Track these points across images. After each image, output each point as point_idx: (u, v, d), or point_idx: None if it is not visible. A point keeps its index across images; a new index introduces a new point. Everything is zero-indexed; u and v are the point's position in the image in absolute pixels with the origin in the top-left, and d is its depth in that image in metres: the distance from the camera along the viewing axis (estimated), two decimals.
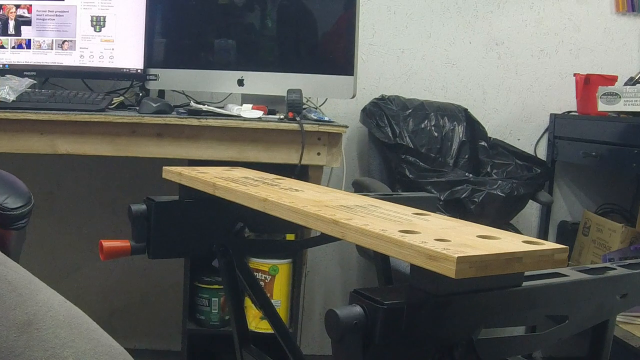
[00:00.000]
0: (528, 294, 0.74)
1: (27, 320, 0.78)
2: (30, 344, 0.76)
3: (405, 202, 0.96)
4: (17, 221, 1.24)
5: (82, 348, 0.80)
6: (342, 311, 0.65)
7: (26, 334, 0.77)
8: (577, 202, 2.74)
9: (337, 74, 2.12)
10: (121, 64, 2.14)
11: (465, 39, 2.62)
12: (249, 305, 1.92)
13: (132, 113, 1.91)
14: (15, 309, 0.78)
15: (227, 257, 1.14)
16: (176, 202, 1.12)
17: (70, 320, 0.82)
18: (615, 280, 0.85)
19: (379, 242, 0.70)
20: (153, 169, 1.45)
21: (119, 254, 1.08)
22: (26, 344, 0.76)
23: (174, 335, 2.47)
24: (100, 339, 0.84)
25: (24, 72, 2.05)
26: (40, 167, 2.44)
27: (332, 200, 0.90)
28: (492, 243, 0.68)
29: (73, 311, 0.85)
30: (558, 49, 2.66)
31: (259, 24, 2.22)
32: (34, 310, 0.79)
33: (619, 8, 2.65)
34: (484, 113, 2.63)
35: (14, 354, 0.75)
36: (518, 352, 0.79)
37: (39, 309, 0.80)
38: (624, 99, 2.20)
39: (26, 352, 0.76)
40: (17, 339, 0.76)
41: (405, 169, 2.32)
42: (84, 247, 2.53)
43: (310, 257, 2.52)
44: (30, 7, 2.10)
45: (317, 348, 2.67)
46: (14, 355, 0.75)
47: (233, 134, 1.90)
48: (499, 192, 2.28)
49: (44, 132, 1.84)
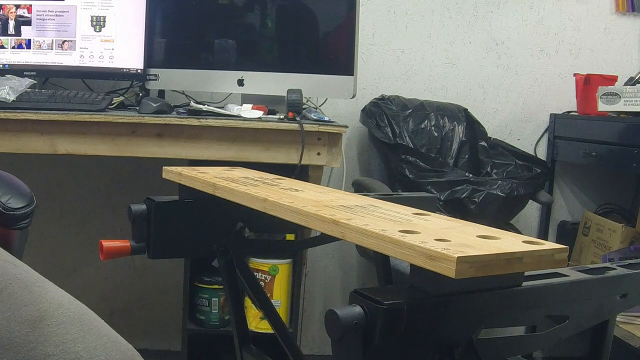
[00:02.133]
0: (528, 294, 0.74)
1: (38, 316, 0.79)
2: (42, 339, 0.77)
3: (405, 202, 0.96)
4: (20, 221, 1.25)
5: (93, 343, 0.81)
6: (342, 311, 0.65)
7: (38, 330, 0.78)
8: (577, 202, 2.74)
9: (337, 74, 2.12)
10: (121, 64, 2.14)
11: (465, 39, 2.62)
12: (249, 305, 1.92)
13: (132, 113, 1.91)
14: (27, 305, 0.79)
15: (227, 257, 1.14)
16: (176, 202, 1.12)
17: (80, 316, 0.83)
18: (615, 280, 0.85)
19: (379, 242, 0.70)
20: (153, 169, 1.45)
21: (119, 254, 1.08)
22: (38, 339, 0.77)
23: (174, 335, 2.47)
24: (110, 335, 0.86)
25: (24, 72, 2.05)
26: (41, 167, 2.44)
27: (332, 200, 0.90)
28: (492, 243, 0.68)
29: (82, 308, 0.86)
30: (558, 49, 2.66)
31: (259, 24, 2.22)
32: (45, 307, 0.80)
33: (619, 8, 2.65)
34: (484, 113, 2.63)
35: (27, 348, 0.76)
36: (518, 352, 0.79)
37: (50, 305, 0.81)
38: (624, 99, 2.20)
39: (38, 347, 0.77)
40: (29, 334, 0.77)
41: (405, 169, 2.32)
42: (84, 247, 2.53)
43: (310, 257, 2.52)
44: (30, 7, 2.10)
45: (317, 348, 2.67)
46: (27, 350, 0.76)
47: (233, 134, 1.90)
48: (499, 192, 2.28)
49: (44, 132, 1.84)
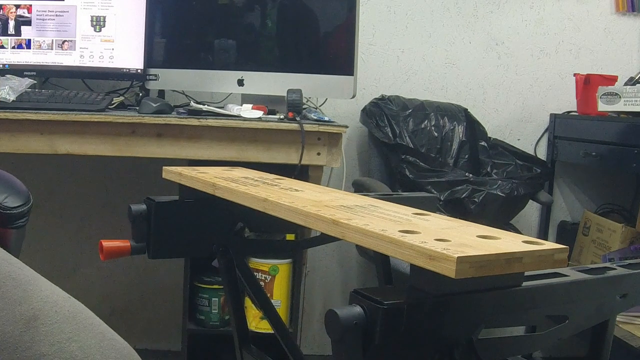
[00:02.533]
0: (528, 294, 0.74)
1: (32, 315, 0.78)
2: (37, 338, 0.77)
3: (405, 202, 0.96)
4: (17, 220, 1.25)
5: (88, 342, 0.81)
6: (342, 311, 0.64)
7: (32, 329, 0.77)
8: (577, 202, 2.74)
9: (337, 74, 2.12)
10: (121, 64, 2.14)
11: (465, 39, 2.62)
12: (249, 305, 1.92)
13: (132, 113, 1.91)
14: (20, 304, 0.78)
15: (227, 257, 1.14)
16: (176, 202, 1.12)
17: (75, 315, 0.83)
18: (615, 280, 0.85)
19: (379, 242, 0.70)
20: (153, 169, 1.45)
21: (119, 254, 1.08)
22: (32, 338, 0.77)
23: (174, 335, 2.47)
24: (105, 333, 0.85)
25: (24, 72, 2.05)
26: (40, 167, 2.44)
27: (332, 200, 0.90)
28: (492, 243, 0.68)
29: (77, 306, 0.85)
30: (558, 49, 2.66)
31: (259, 24, 2.22)
32: (39, 305, 0.80)
33: (619, 8, 2.65)
34: (484, 113, 2.63)
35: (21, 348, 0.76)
36: (518, 352, 0.79)
37: (44, 304, 0.80)
38: (624, 99, 2.20)
39: (33, 347, 0.76)
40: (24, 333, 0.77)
41: (405, 169, 2.32)
42: (84, 247, 2.53)
43: (310, 257, 2.52)
44: (30, 7, 2.10)
45: (317, 348, 2.67)
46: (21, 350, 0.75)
47: (233, 134, 1.90)
48: (499, 192, 2.28)
49: (44, 132, 1.84)
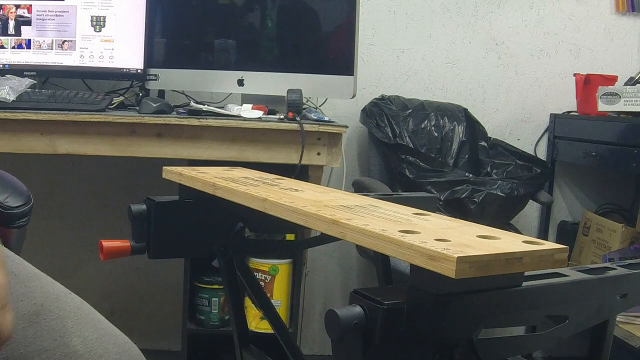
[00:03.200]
0: (528, 294, 0.74)
1: (35, 310, 0.79)
2: (39, 333, 0.77)
3: (405, 202, 0.96)
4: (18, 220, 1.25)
5: (90, 337, 0.81)
6: (342, 311, 0.64)
7: (35, 324, 0.78)
8: (577, 202, 2.74)
9: (337, 74, 2.12)
10: (121, 64, 2.14)
11: (465, 39, 2.62)
12: (249, 305, 1.92)
13: (132, 113, 1.91)
14: (23, 300, 0.79)
15: (227, 257, 1.14)
16: (176, 202, 1.11)
17: (77, 310, 0.83)
18: (615, 280, 0.84)
19: (379, 242, 0.70)
20: (153, 169, 1.45)
21: (119, 254, 1.07)
22: (35, 333, 0.77)
23: (174, 335, 2.47)
24: (107, 328, 0.85)
25: (24, 72, 2.05)
26: (40, 167, 2.44)
27: (332, 200, 0.89)
28: (492, 243, 0.68)
29: (78, 302, 0.86)
30: (558, 49, 2.66)
31: (259, 24, 2.22)
32: (41, 301, 0.80)
33: (619, 8, 2.65)
34: (484, 113, 2.63)
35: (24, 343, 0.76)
36: (518, 352, 0.79)
37: (46, 300, 0.81)
38: (624, 99, 2.20)
39: (35, 342, 0.77)
40: (26, 329, 0.77)
41: (405, 169, 2.32)
42: (84, 247, 2.53)
43: (310, 257, 2.52)
44: (30, 7, 2.10)
45: (317, 348, 2.67)
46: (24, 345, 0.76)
47: (233, 134, 1.90)
48: (499, 192, 2.28)
49: (44, 132, 1.84)
